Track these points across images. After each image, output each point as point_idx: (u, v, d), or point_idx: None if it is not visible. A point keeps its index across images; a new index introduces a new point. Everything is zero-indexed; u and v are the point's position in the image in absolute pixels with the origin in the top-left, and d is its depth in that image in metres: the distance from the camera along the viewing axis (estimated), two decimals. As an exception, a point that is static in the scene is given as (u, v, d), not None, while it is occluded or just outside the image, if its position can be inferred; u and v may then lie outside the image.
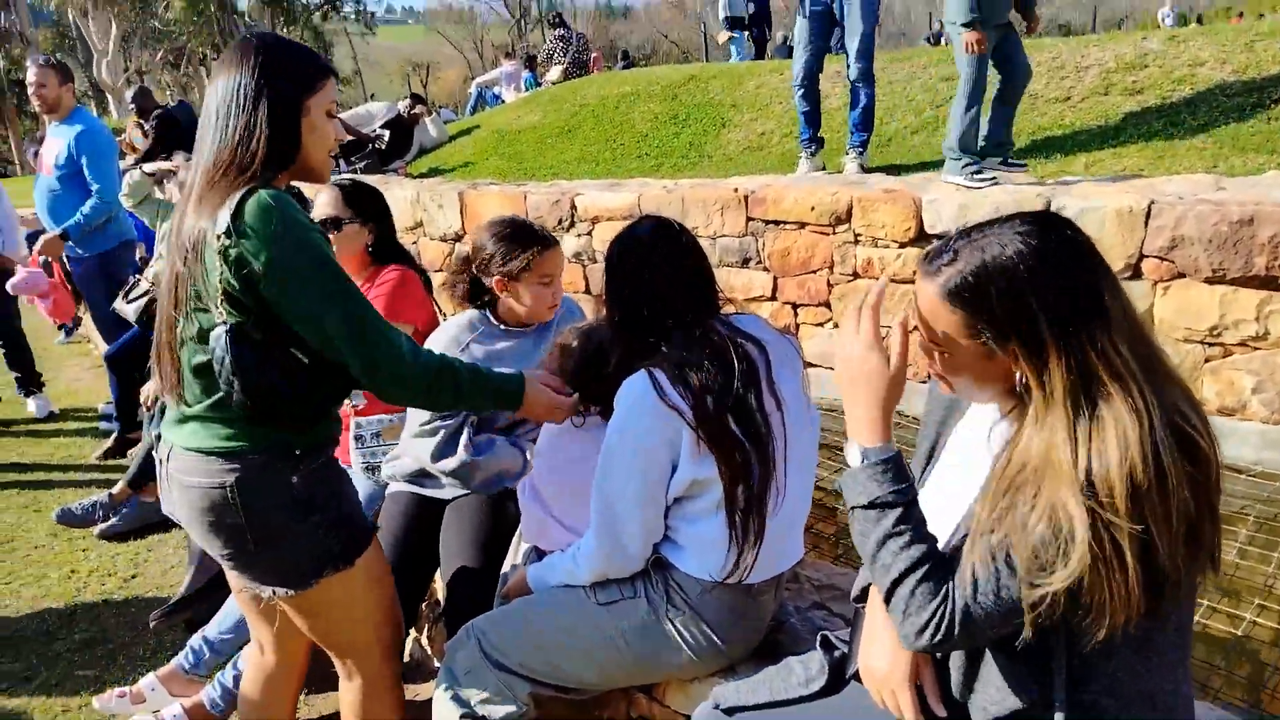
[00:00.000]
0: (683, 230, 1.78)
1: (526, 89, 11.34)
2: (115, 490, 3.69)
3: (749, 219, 4.33)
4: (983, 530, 1.16)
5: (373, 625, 1.82)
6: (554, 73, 10.20)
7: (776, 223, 4.25)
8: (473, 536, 2.27)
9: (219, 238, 1.43)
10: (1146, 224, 3.35)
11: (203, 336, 1.53)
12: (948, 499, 1.35)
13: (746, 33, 10.89)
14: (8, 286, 5.13)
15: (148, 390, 3.67)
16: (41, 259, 4.94)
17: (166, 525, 3.67)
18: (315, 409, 1.61)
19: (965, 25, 4.06)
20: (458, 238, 5.60)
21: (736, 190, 4.36)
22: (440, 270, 5.59)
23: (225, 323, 1.48)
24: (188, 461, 1.61)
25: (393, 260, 2.78)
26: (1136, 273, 3.42)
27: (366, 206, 2.74)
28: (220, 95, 1.51)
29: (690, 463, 1.62)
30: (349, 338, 1.52)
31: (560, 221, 5.04)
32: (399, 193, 6.04)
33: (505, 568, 2.17)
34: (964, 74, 4.22)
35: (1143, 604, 1.08)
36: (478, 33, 53.04)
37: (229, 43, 30.34)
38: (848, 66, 4.92)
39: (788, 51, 13.82)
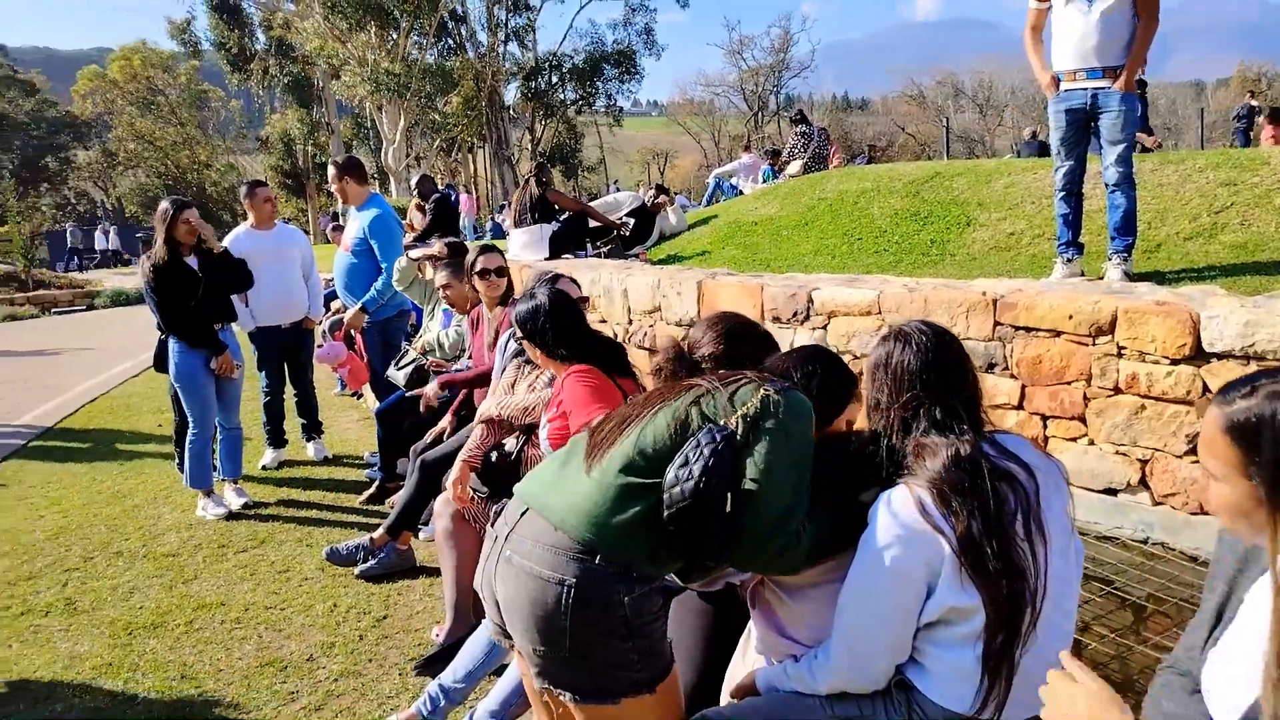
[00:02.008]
0: (954, 340, 1.76)
1: (764, 181, 11.62)
2: (375, 535, 4.06)
3: (997, 323, 4.15)
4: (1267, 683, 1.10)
5: None
6: (794, 167, 10.40)
7: (1028, 329, 4.04)
8: (694, 626, 2.29)
9: (766, 391, 1.74)
10: None
11: (683, 423, 1.72)
12: (1248, 665, 1.22)
13: None
14: (315, 356, 5.94)
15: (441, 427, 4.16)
16: (327, 324, 5.68)
17: (415, 573, 4.01)
18: (698, 548, 1.69)
19: None
20: (692, 324, 5.79)
21: (985, 294, 4.21)
22: (673, 354, 5.77)
23: (731, 429, 1.68)
24: (536, 551, 1.71)
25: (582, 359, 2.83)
26: None
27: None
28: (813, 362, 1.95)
29: (949, 589, 1.57)
30: (786, 496, 1.69)
31: (795, 314, 5.08)
32: (641, 278, 6.36)
33: (732, 665, 2.17)
34: None
35: None
36: (715, 124, 55.25)
37: (494, 133, 33.37)
38: (1105, 169, 4.67)
39: (1038, 148, 13.28)
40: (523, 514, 1.81)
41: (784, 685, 1.83)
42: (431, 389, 4.24)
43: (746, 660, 2.09)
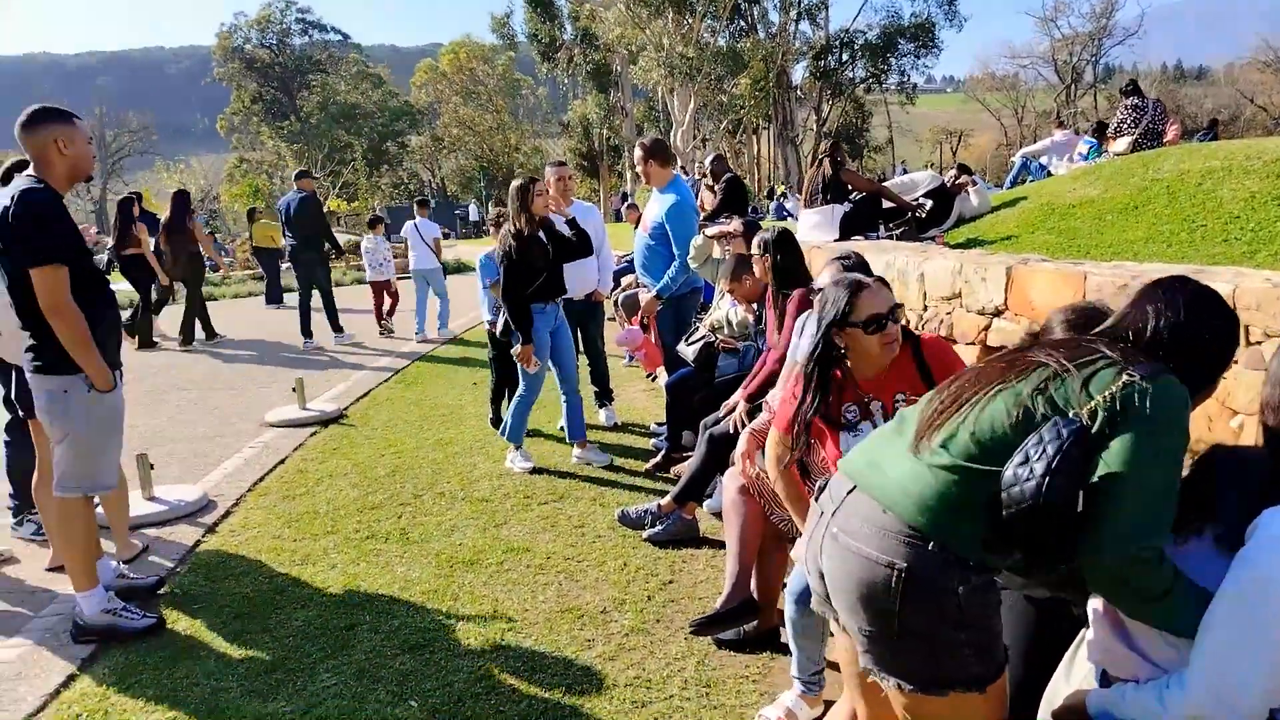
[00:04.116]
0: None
1: (1085, 159, 10.55)
2: (663, 503, 4.22)
3: (1396, 328, 3.45)
4: None
5: None
6: (1121, 144, 9.32)
7: None
8: (1017, 631, 2.12)
9: (1129, 377, 1.49)
10: None
11: (1028, 411, 1.56)
12: None
13: None
14: (615, 340, 6.33)
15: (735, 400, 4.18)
16: (619, 298, 5.94)
17: (698, 543, 4.12)
18: (1040, 549, 1.52)
19: None
20: (998, 312, 5.39)
21: (1380, 292, 3.51)
22: (974, 343, 5.44)
23: (1082, 423, 1.50)
24: (865, 531, 1.67)
25: None
26: None
27: None
28: (1178, 313, 1.60)
29: (1354, 627, 1.32)
30: (1150, 502, 1.47)
31: (1122, 307, 4.56)
32: (940, 262, 6.01)
33: (1053, 682, 1.99)
34: None
35: None
36: (1019, 99, 51.09)
37: (779, 114, 33.42)
38: None
39: None
40: (849, 491, 1.76)
41: (1121, 712, 1.64)
42: (740, 412, 4.08)
43: (1071, 678, 1.91)
